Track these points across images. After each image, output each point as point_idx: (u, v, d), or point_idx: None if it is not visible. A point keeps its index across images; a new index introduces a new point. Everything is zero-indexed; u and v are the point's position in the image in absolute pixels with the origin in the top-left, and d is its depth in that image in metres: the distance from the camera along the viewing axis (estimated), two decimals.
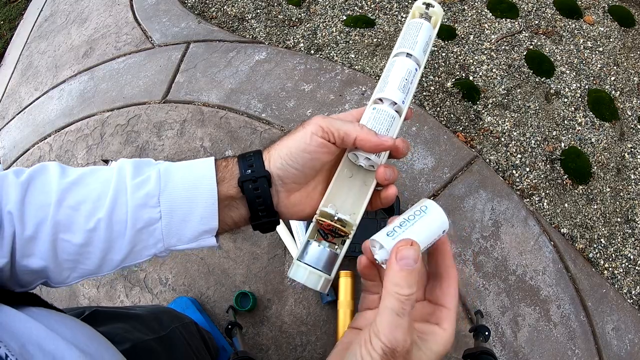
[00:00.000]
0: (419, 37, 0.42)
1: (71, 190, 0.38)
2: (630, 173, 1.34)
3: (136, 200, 0.38)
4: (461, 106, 1.40)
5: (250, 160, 0.40)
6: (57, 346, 0.34)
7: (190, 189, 0.39)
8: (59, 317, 0.42)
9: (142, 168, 0.40)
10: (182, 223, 0.39)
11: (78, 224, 0.37)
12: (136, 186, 0.38)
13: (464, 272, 1.18)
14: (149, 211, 0.38)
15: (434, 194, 1.26)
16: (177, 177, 0.39)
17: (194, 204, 0.39)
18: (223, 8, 1.72)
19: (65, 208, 0.37)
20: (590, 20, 1.57)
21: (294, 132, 0.40)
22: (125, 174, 0.39)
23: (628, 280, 1.21)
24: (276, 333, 1.17)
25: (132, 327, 0.61)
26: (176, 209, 0.39)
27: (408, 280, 0.30)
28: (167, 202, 0.39)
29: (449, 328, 0.33)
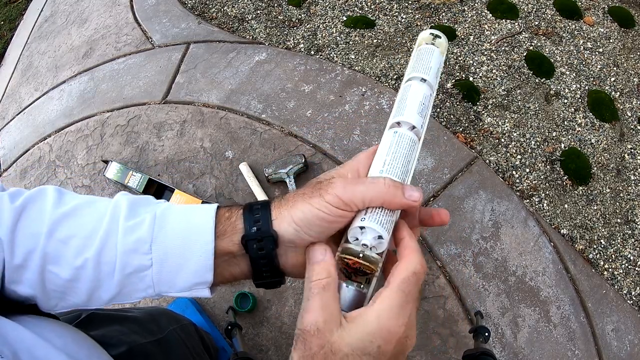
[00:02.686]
0: (432, 63, 0.41)
1: (63, 223, 0.36)
2: (630, 174, 1.34)
3: (126, 245, 0.36)
4: (461, 107, 1.40)
5: (257, 215, 0.36)
6: (47, 353, 0.35)
7: (185, 238, 0.36)
8: (49, 324, 0.42)
9: (137, 209, 0.37)
10: (175, 273, 0.37)
11: (66, 259, 0.36)
12: (129, 229, 0.36)
13: (464, 272, 1.18)
14: (140, 258, 0.36)
15: (434, 194, 1.26)
16: (172, 224, 0.37)
17: (187, 256, 0.36)
18: (223, 9, 1.72)
19: (55, 240, 0.36)
20: (590, 21, 1.57)
21: (309, 193, 0.35)
22: (119, 214, 0.37)
23: (628, 281, 1.21)
24: (276, 334, 1.17)
25: (129, 329, 0.61)
26: (168, 259, 0.36)
27: (313, 269, 0.33)
28: (159, 250, 0.36)
29: (379, 303, 0.30)
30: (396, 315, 0.30)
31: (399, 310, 0.30)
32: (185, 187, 1.34)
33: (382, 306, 0.30)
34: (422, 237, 1.22)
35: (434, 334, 1.13)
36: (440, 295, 1.16)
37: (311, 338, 0.30)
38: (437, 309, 1.15)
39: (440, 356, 1.12)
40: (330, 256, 0.34)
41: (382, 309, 0.30)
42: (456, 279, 1.17)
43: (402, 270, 0.32)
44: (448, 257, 1.19)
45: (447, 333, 1.13)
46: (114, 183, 1.37)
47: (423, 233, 1.22)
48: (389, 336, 0.30)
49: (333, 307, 0.31)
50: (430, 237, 1.21)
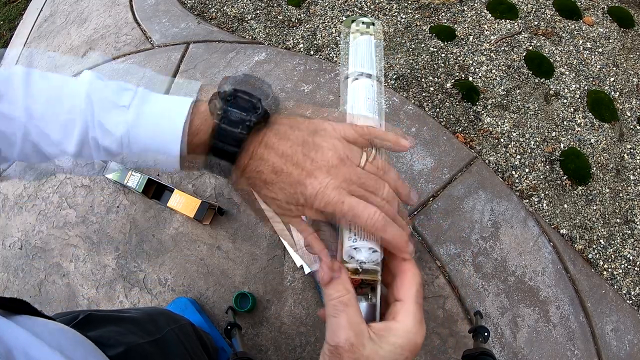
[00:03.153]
0: (369, 54, 0.42)
1: (35, 126, 0.37)
2: (630, 174, 1.34)
3: (100, 144, 0.38)
4: (461, 107, 1.40)
5: (232, 133, 0.36)
6: (42, 352, 0.35)
7: (153, 153, 0.38)
8: (45, 324, 0.42)
9: (108, 113, 0.37)
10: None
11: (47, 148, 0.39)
12: (100, 135, 0.38)
13: (464, 272, 1.18)
14: (108, 156, 0.39)
15: (433, 194, 1.26)
16: (140, 138, 0.37)
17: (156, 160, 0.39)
18: (222, 9, 1.72)
19: (29, 138, 0.38)
20: (590, 21, 1.57)
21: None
22: (92, 113, 0.37)
23: (627, 281, 1.21)
24: (275, 334, 1.17)
25: (127, 330, 0.61)
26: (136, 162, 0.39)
27: (331, 287, 0.34)
28: (127, 158, 0.39)
29: (404, 319, 0.33)
30: (420, 328, 0.33)
31: (420, 323, 0.34)
32: (184, 186, 1.34)
33: (407, 322, 0.33)
34: (422, 237, 1.22)
35: (433, 333, 1.13)
36: (440, 295, 1.16)
37: (346, 353, 0.32)
38: (436, 309, 1.15)
39: (440, 356, 1.12)
40: (344, 272, 0.35)
41: (408, 324, 0.33)
42: (455, 279, 1.17)
43: (412, 284, 0.35)
44: (447, 257, 1.19)
45: (446, 333, 1.13)
46: (114, 183, 1.37)
47: (422, 233, 1.22)
48: (415, 348, 0.33)
49: (359, 321, 0.33)
50: (429, 237, 1.21)
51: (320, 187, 0.34)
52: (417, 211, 1.24)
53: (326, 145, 0.36)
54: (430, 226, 1.23)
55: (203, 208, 1.22)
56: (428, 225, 1.23)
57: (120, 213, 1.36)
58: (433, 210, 1.24)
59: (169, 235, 1.30)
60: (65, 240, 1.37)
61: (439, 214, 1.24)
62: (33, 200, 1.44)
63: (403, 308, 0.34)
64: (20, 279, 1.36)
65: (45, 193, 1.44)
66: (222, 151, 0.36)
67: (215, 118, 0.36)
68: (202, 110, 0.37)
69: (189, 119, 0.37)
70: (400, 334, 0.33)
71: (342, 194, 0.34)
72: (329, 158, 0.35)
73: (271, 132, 0.37)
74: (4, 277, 1.38)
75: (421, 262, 1.19)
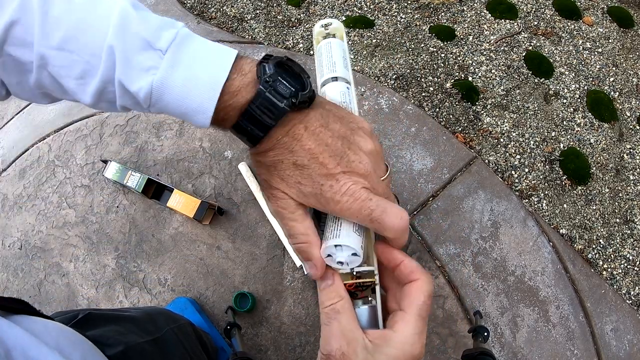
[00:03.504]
0: (335, 57, 0.41)
1: (54, 57, 0.33)
2: (629, 174, 1.34)
3: (124, 101, 0.35)
4: (460, 107, 1.40)
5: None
6: (41, 352, 0.35)
7: (181, 116, 0.35)
8: (43, 323, 0.42)
9: (133, 67, 0.33)
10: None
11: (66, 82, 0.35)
12: (119, 94, 0.34)
13: (463, 272, 1.18)
14: (138, 108, 0.36)
15: (433, 194, 1.26)
16: (170, 100, 0.34)
17: (187, 117, 0.35)
18: (222, 8, 1.72)
19: (47, 73, 0.34)
20: (590, 21, 1.57)
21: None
22: (114, 66, 0.33)
23: (627, 280, 1.21)
24: (275, 334, 1.17)
25: (126, 329, 0.61)
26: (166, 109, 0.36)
27: (324, 295, 0.34)
28: (156, 112, 0.36)
29: (402, 330, 0.32)
30: (418, 341, 0.32)
31: (419, 336, 0.32)
32: (184, 186, 1.34)
33: (405, 333, 0.32)
34: (421, 236, 1.22)
35: (433, 333, 1.13)
36: (440, 295, 1.16)
37: None
38: (436, 309, 1.15)
39: (440, 356, 1.12)
40: (338, 279, 0.35)
41: (406, 336, 0.32)
42: (455, 278, 1.17)
43: (419, 295, 0.33)
44: (447, 256, 1.19)
45: (446, 333, 1.13)
46: (113, 183, 1.37)
47: (422, 233, 1.22)
48: (411, 359, 0.32)
49: (353, 328, 0.32)
50: (429, 237, 1.21)
51: (352, 185, 0.33)
52: (416, 211, 1.24)
53: (364, 148, 0.35)
54: (430, 226, 1.23)
55: (203, 208, 1.22)
56: (427, 225, 1.23)
57: (120, 213, 1.36)
58: (432, 210, 1.24)
59: (168, 235, 1.30)
60: (64, 240, 1.37)
61: (439, 213, 1.24)
62: (33, 200, 1.44)
63: (403, 318, 0.32)
64: (19, 279, 1.36)
65: (45, 193, 1.44)
66: (258, 121, 0.33)
67: (261, 83, 0.33)
68: (246, 70, 0.34)
69: (229, 77, 0.33)
70: (396, 344, 0.32)
71: (369, 193, 0.33)
72: (365, 162, 0.34)
73: (314, 116, 0.35)
74: (3, 277, 1.38)
75: (420, 262, 1.19)
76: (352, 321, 0.33)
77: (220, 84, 0.33)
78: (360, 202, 0.33)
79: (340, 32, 0.42)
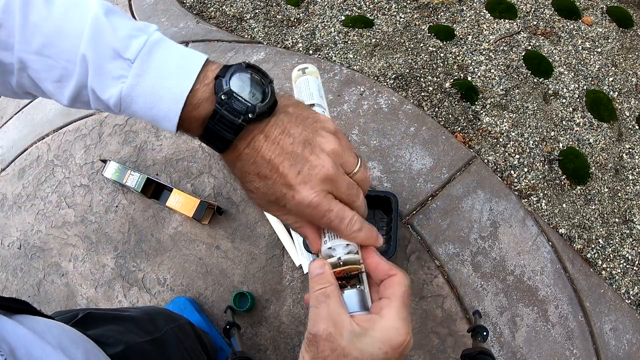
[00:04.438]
0: (312, 89, 0.46)
1: (33, 62, 0.34)
2: (629, 173, 1.34)
3: (97, 105, 0.37)
4: (459, 106, 1.40)
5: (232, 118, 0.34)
6: (44, 351, 0.35)
7: (151, 122, 0.37)
8: (46, 323, 0.42)
9: (104, 75, 0.34)
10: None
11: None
12: (93, 99, 0.36)
13: (462, 272, 1.18)
14: (112, 112, 0.37)
15: (432, 194, 1.26)
16: (137, 108, 0.35)
17: (156, 123, 0.37)
18: (221, 8, 1.72)
19: (26, 75, 0.36)
20: (589, 21, 1.57)
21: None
22: (87, 73, 0.34)
23: (626, 280, 1.21)
24: (274, 333, 1.17)
25: (126, 329, 0.61)
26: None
27: (314, 281, 0.36)
28: (128, 116, 0.38)
29: (387, 315, 0.33)
30: (402, 326, 0.33)
31: (404, 322, 0.34)
32: (183, 186, 1.34)
33: (390, 318, 0.33)
34: (420, 236, 1.22)
35: (432, 333, 1.13)
36: (439, 295, 1.16)
37: (323, 342, 0.32)
38: (435, 308, 1.15)
39: (439, 355, 1.12)
40: (328, 267, 0.37)
41: (391, 320, 0.33)
42: (454, 278, 1.17)
43: (401, 285, 0.35)
44: (446, 256, 1.19)
45: (445, 332, 1.13)
46: (112, 182, 1.37)
47: (421, 232, 1.22)
48: (396, 345, 0.33)
49: (340, 311, 0.34)
50: (428, 237, 1.21)
51: (314, 195, 0.35)
52: (416, 210, 1.24)
53: (327, 148, 0.36)
54: (429, 226, 1.23)
55: (202, 207, 1.22)
56: (427, 224, 1.23)
57: (119, 212, 1.35)
58: (432, 210, 1.24)
59: (167, 234, 1.30)
60: (64, 239, 1.36)
61: (438, 213, 1.24)
62: (32, 199, 1.44)
63: (389, 304, 0.34)
64: (19, 279, 1.36)
65: (44, 192, 1.44)
66: (218, 136, 0.35)
67: (216, 101, 0.34)
68: (210, 79, 0.35)
69: (193, 88, 0.34)
70: (381, 328, 0.33)
71: (330, 202, 0.35)
72: (327, 164, 0.35)
73: (275, 122, 0.36)
74: (2, 277, 1.38)
75: (420, 262, 1.19)
76: (339, 305, 0.34)
77: (184, 96, 0.34)
78: (322, 213, 0.35)
79: (315, 74, 0.48)
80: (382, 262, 0.37)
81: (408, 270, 1.19)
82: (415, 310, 1.15)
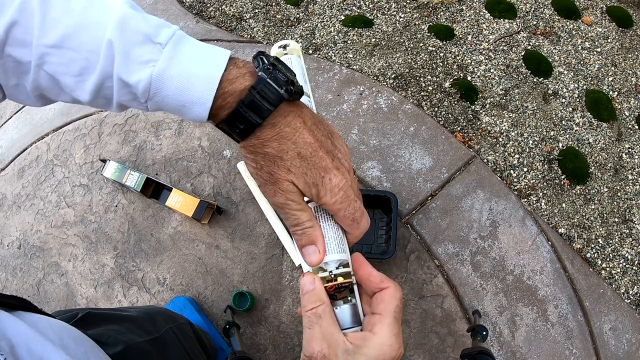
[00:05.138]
0: (295, 70, 0.43)
1: (52, 55, 0.34)
2: (628, 173, 1.34)
3: (121, 96, 0.36)
4: (459, 106, 1.40)
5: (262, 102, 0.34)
6: (45, 349, 0.35)
7: (178, 109, 0.36)
8: (47, 320, 0.42)
9: (132, 61, 0.34)
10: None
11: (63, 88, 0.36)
12: (121, 83, 0.35)
13: (462, 272, 1.18)
14: (135, 104, 0.37)
15: (431, 194, 1.26)
16: (168, 92, 0.35)
17: (184, 110, 0.36)
18: (221, 7, 1.72)
19: (44, 73, 0.35)
20: (589, 21, 1.57)
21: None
22: (113, 60, 0.34)
23: (625, 280, 1.21)
24: (274, 333, 1.17)
25: (126, 328, 0.61)
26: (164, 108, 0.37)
27: (306, 299, 0.35)
28: (153, 107, 0.36)
29: (380, 332, 0.33)
30: (395, 342, 0.33)
31: (396, 337, 0.34)
32: (183, 186, 1.34)
33: (383, 335, 0.33)
34: (420, 236, 1.22)
35: (431, 333, 1.13)
36: (438, 294, 1.16)
37: None
38: (435, 308, 1.15)
39: (438, 355, 1.12)
40: (319, 283, 0.36)
41: (384, 337, 0.33)
42: (454, 278, 1.17)
43: (392, 299, 0.35)
44: (446, 256, 1.20)
45: (445, 332, 1.13)
46: (112, 182, 1.37)
47: (421, 232, 1.22)
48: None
49: (334, 331, 0.34)
50: (428, 237, 1.21)
51: (345, 182, 0.36)
52: (415, 210, 1.24)
53: (343, 150, 0.38)
54: (429, 225, 1.23)
55: (201, 207, 1.22)
56: (426, 224, 1.23)
57: (119, 212, 1.35)
58: (431, 210, 1.24)
59: (167, 234, 1.30)
60: (63, 239, 1.36)
61: (438, 213, 1.24)
62: (31, 199, 1.44)
63: (381, 321, 0.34)
64: (18, 279, 1.36)
65: (44, 192, 1.44)
66: (257, 106, 0.34)
67: (262, 71, 0.34)
68: (241, 64, 0.36)
69: (227, 68, 0.35)
70: (375, 345, 0.33)
71: (354, 195, 0.37)
72: (349, 160, 0.38)
73: (308, 113, 0.37)
74: (2, 277, 1.38)
75: (419, 261, 1.19)
76: (332, 324, 0.34)
77: (219, 74, 0.34)
78: (349, 201, 0.36)
79: (297, 52, 0.46)
80: (373, 273, 0.37)
81: (408, 269, 1.19)
82: (415, 309, 1.15)
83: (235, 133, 0.36)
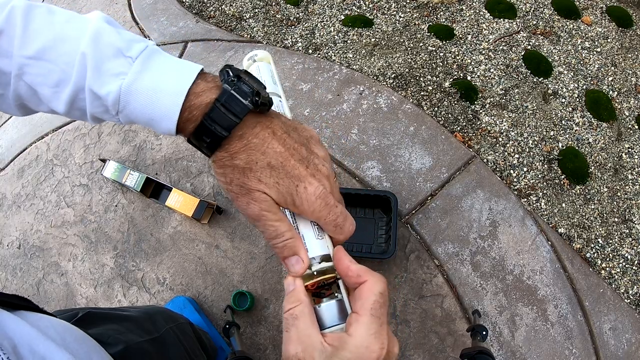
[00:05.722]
0: (264, 77, 0.45)
1: (31, 66, 0.35)
2: (628, 173, 1.34)
3: (93, 108, 0.36)
4: (459, 106, 1.40)
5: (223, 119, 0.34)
6: (48, 348, 0.35)
7: (148, 122, 0.37)
8: (49, 320, 0.42)
9: (103, 73, 0.35)
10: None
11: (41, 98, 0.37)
12: (93, 95, 0.36)
13: (462, 271, 1.18)
14: (107, 117, 0.37)
15: (431, 193, 1.26)
16: (137, 105, 0.35)
17: (153, 123, 0.37)
18: (221, 7, 1.72)
19: (24, 83, 0.36)
20: (588, 21, 1.57)
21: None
22: (85, 72, 0.35)
23: (625, 280, 1.21)
24: (274, 333, 1.17)
25: (126, 328, 0.61)
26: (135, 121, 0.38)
27: (285, 300, 0.35)
28: (125, 120, 0.37)
29: (355, 333, 0.31)
30: (374, 342, 0.31)
31: (375, 337, 0.31)
32: (183, 185, 1.34)
33: (359, 336, 0.31)
34: (420, 235, 1.22)
35: (431, 332, 1.13)
36: (438, 294, 1.16)
37: None
38: (434, 308, 1.15)
39: (438, 355, 1.12)
40: (299, 283, 0.35)
41: (360, 338, 0.31)
42: (454, 277, 1.18)
43: (369, 295, 0.33)
44: (446, 255, 1.20)
45: (444, 332, 1.13)
46: (112, 182, 1.37)
47: (421, 232, 1.22)
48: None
49: (311, 333, 0.32)
50: (427, 236, 1.21)
51: (322, 189, 0.35)
52: (415, 210, 1.24)
53: (321, 155, 0.38)
54: (429, 225, 1.23)
55: (201, 207, 1.22)
56: (426, 224, 1.23)
57: (119, 212, 1.35)
58: (431, 209, 1.24)
59: (167, 234, 1.30)
60: (63, 239, 1.36)
61: (437, 213, 1.24)
62: (31, 199, 1.44)
63: (357, 320, 0.32)
64: (18, 278, 1.36)
65: (44, 192, 1.44)
66: (223, 118, 0.34)
67: (226, 83, 0.35)
68: (209, 79, 0.36)
69: (195, 82, 0.35)
70: (350, 348, 0.31)
71: (334, 200, 0.36)
72: (327, 165, 0.37)
73: (278, 123, 0.37)
74: (2, 277, 1.38)
75: (419, 261, 1.19)
76: (310, 325, 0.33)
77: (186, 88, 0.35)
78: (329, 208, 0.35)
79: (267, 59, 0.46)
80: (351, 267, 0.35)
81: (407, 269, 1.19)
82: (415, 309, 1.15)
83: (203, 147, 0.36)
